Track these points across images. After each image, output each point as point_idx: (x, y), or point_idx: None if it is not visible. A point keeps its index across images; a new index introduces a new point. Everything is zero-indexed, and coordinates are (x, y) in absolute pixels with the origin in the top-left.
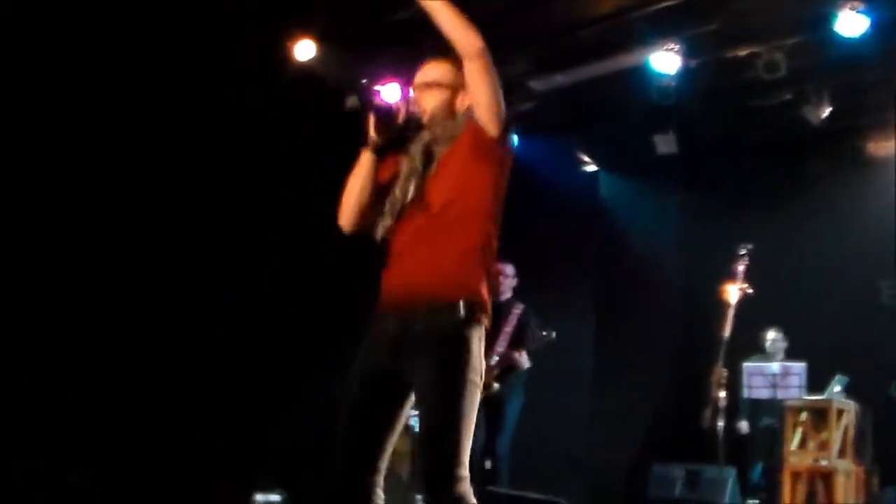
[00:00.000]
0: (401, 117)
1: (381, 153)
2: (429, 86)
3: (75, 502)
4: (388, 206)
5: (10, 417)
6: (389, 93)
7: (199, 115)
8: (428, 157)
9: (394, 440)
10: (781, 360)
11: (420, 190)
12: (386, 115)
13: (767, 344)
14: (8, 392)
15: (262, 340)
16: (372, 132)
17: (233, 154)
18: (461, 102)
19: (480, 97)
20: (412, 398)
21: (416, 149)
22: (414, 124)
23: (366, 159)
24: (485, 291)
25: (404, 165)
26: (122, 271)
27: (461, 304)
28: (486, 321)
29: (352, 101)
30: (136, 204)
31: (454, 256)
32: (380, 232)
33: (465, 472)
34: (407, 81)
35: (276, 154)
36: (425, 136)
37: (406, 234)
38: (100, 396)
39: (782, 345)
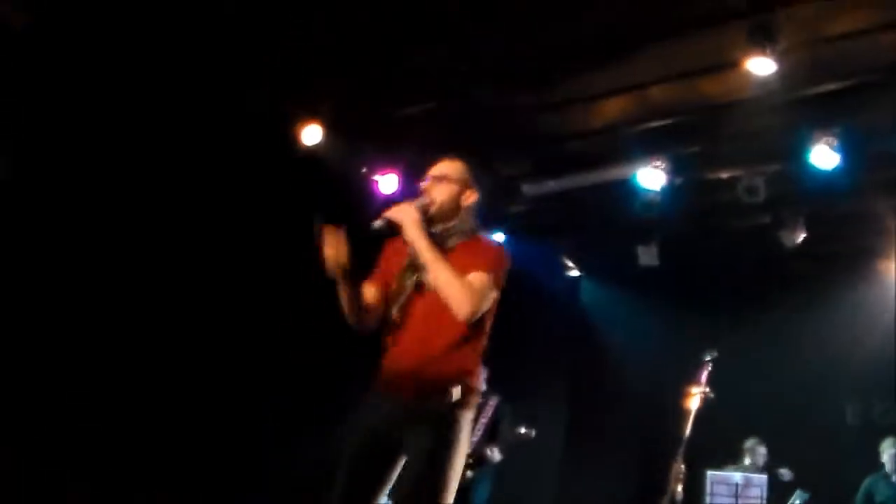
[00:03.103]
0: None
1: (391, 236)
2: (439, 179)
3: None
4: (393, 296)
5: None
6: (387, 183)
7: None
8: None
9: None
10: (761, 468)
11: (423, 282)
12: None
13: (749, 453)
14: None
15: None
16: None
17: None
18: (466, 198)
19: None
20: (398, 468)
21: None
22: (425, 213)
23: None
24: (477, 378)
25: (409, 258)
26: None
27: (458, 387)
28: (475, 406)
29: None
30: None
31: (452, 343)
32: (390, 316)
33: None
34: (404, 174)
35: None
36: (434, 228)
37: (407, 320)
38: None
39: (763, 451)
